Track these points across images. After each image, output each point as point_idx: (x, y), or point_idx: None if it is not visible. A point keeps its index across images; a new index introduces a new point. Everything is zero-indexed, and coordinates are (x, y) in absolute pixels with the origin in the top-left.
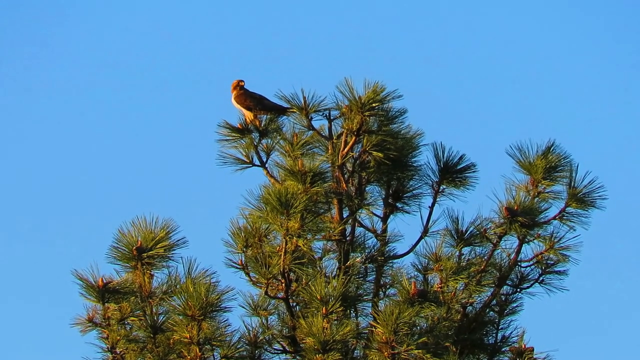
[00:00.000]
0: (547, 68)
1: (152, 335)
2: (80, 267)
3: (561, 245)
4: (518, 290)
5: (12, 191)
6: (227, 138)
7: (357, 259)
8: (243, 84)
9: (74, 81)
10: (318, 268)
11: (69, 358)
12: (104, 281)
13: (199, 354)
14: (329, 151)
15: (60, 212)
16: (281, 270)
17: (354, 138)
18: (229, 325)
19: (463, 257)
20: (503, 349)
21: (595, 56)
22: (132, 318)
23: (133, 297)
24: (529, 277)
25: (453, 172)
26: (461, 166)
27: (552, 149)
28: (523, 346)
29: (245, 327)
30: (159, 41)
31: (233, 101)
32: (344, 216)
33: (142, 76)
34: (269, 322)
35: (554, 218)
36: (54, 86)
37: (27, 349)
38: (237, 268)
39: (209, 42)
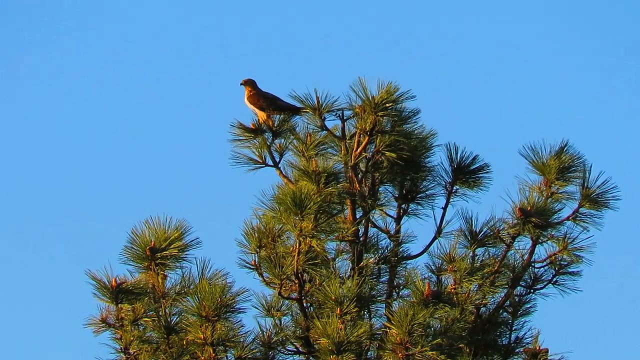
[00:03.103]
0: (560, 68)
1: (165, 335)
2: (94, 268)
3: (574, 246)
4: (532, 291)
5: (23, 192)
6: (240, 138)
7: (371, 260)
8: (256, 83)
9: (86, 80)
10: (331, 269)
11: (83, 358)
12: (118, 282)
13: (213, 354)
14: (342, 151)
15: (74, 212)
16: (294, 270)
17: (367, 138)
18: (242, 326)
19: (477, 258)
20: (517, 350)
21: (607, 56)
22: (145, 319)
23: (146, 298)
24: (543, 278)
25: (466, 173)
26: (474, 167)
27: (565, 149)
28: (537, 347)
29: (260, 328)
30: (175, 39)
31: (246, 101)
32: (357, 217)
33: (152, 75)
34: (282, 323)
35: (568, 219)
36: (66, 84)
37: (40, 349)
38: (250, 268)
39: (222, 41)
